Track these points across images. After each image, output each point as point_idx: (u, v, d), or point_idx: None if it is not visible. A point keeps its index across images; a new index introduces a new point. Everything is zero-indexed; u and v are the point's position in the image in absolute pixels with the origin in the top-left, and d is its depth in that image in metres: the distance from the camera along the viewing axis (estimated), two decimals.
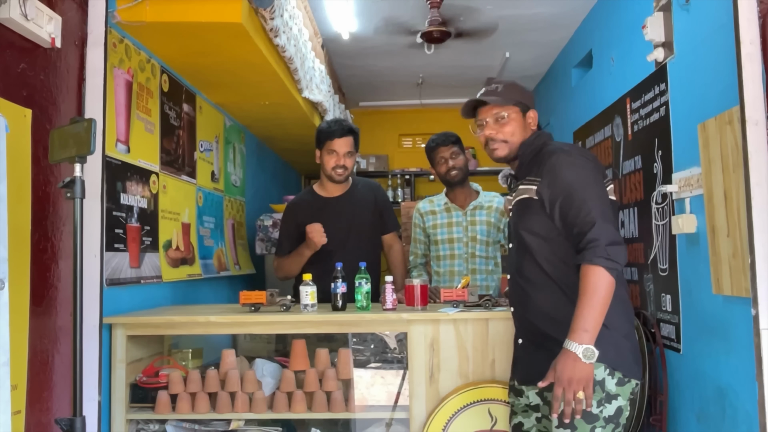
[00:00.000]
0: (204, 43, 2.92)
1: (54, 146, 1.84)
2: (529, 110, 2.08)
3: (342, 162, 3.02)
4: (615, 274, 1.79)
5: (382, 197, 3.23)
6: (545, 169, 1.93)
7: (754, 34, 1.91)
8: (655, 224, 2.75)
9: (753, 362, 1.87)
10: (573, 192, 1.87)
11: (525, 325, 2.03)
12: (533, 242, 1.97)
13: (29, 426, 2.00)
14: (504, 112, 2.05)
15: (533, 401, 2.02)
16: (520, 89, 2.12)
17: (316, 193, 3.16)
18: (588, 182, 1.89)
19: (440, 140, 3.17)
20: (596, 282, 1.77)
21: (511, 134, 2.05)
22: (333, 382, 2.59)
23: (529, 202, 1.97)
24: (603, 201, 1.88)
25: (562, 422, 1.84)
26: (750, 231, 1.86)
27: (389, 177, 6.60)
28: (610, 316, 1.87)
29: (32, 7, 1.97)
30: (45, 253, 2.11)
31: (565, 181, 1.89)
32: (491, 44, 4.56)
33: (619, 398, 1.87)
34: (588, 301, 1.77)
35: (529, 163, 2.03)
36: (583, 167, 1.91)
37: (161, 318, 2.58)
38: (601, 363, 1.85)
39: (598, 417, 1.85)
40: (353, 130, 3.06)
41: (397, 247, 3.24)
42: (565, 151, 1.95)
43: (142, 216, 2.90)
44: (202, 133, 3.75)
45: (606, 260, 1.77)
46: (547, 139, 2.07)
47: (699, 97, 2.38)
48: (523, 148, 2.05)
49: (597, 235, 1.79)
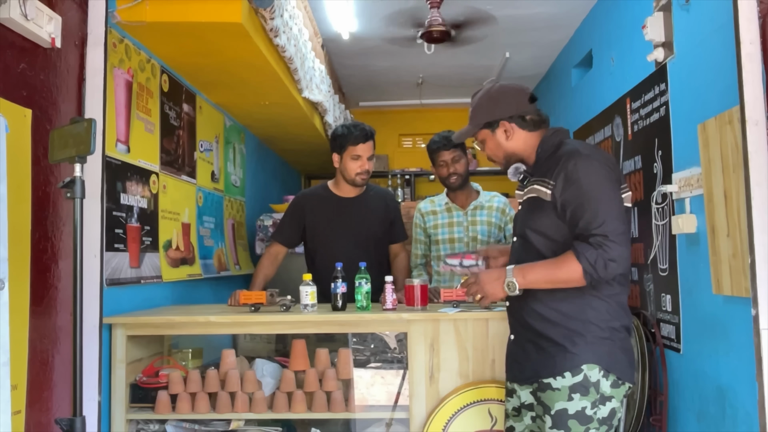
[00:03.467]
0: (204, 43, 2.92)
1: (54, 146, 1.84)
2: (498, 126, 2.06)
3: (366, 167, 3.03)
4: (588, 279, 1.82)
5: (393, 206, 3.26)
6: (562, 172, 1.90)
7: (754, 34, 1.90)
8: (655, 224, 2.75)
9: (753, 362, 1.87)
10: (587, 201, 1.85)
11: (519, 322, 2.03)
12: (537, 241, 1.97)
13: (29, 426, 2.00)
14: (477, 139, 2.14)
15: (526, 400, 2.02)
16: (486, 107, 2.08)
17: (330, 190, 3.17)
18: (604, 193, 1.87)
19: (442, 143, 3.16)
20: (567, 271, 1.84)
21: (493, 154, 2.12)
22: (333, 382, 2.59)
23: (540, 202, 1.95)
24: (618, 213, 1.86)
25: (556, 423, 1.85)
26: (750, 231, 1.86)
27: (389, 177, 6.60)
28: (607, 320, 1.89)
29: (32, 7, 1.97)
30: (45, 253, 2.11)
31: (581, 189, 1.86)
32: (491, 44, 4.56)
33: (613, 400, 1.88)
34: (549, 271, 1.88)
35: (546, 161, 2.00)
36: (602, 176, 1.88)
37: (161, 318, 2.58)
38: (595, 365, 1.86)
39: (592, 418, 1.85)
40: (373, 133, 3.08)
41: (403, 255, 3.27)
42: (585, 156, 1.91)
43: (142, 216, 2.90)
44: (202, 133, 3.75)
45: (591, 267, 1.80)
46: (564, 136, 2.05)
47: (699, 97, 2.38)
48: (541, 146, 2.04)
49: (601, 243, 1.81)
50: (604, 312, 1.90)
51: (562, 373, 1.87)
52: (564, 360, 1.87)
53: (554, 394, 1.88)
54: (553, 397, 1.88)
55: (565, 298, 1.90)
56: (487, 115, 2.07)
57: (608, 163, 1.94)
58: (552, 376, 1.89)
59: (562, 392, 1.87)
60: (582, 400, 1.85)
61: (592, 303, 1.90)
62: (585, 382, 1.85)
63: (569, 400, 1.86)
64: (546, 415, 1.89)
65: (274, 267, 3.11)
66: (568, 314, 1.90)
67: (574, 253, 1.84)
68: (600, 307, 1.90)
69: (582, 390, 1.85)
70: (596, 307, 1.90)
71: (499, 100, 2.07)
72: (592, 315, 1.89)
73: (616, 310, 1.93)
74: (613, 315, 1.91)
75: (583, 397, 1.85)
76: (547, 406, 1.89)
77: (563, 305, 1.91)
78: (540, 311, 1.94)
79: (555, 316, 1.91)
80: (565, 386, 1.86)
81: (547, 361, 1.90)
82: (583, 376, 1.86)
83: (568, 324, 1.90)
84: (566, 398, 1.86)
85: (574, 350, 1.87)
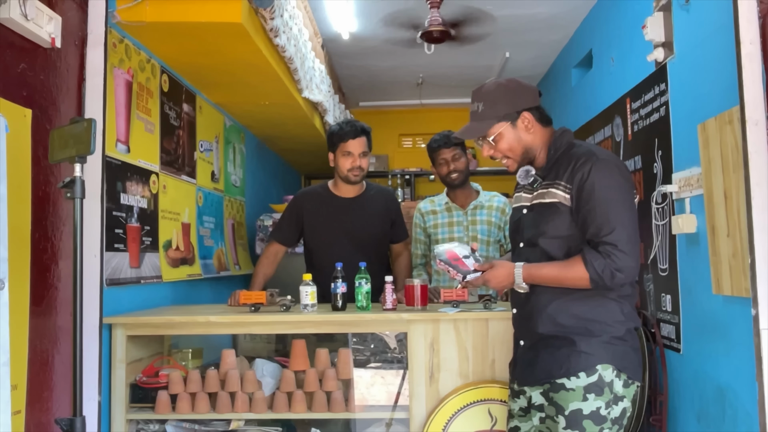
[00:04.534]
0: (204, 43, 2.92)
1: (54, 146, 1.83)
2: (519, 116, 1.98)
3: (358, 163, 3.01)
4: (594, 285, 1.84)
5: (394, 206, 3.25)
6: (578, 174, 1.88)
7: (754, 34, 1.90)
8: (655, 224, 2.75)
9: (753, 362, 1.87)
10: (599, 207, 1.84)
11: (529, 327, 2.01)
12: (551, 246, 1.94)
13: (29, 426, 2.00)
14: (490, 135, 1.99)
15: (537, 401, 2.00)
16: (504, 97, 1.99)
17: (330, 190, 3.16)
18: (618, 199, 1.86)
19: (442, 142, 3.17)
20: (574, 277, 1.86)
21: (509, 150, 2.01)
22: (333, 382, 2.59)
23: (557, 208, 1.92)
24: (629, 221, 1.86)
25: (570, 423, 1.85)
26: (750, 231, 1.86)
27: (389, 177, 6.60)
28: (622, 321, 1.90)
29: (32, 7, 1.97)
30: (45, 253, 2.11)
31: (594, 193, 1.85)
32: (491, 44, 4.56)
33: (624, 400, 1.88)
34: (557, 275, 1.90)
35: (557, 163, 1.97)
36: (617, 182, 1.87)
37: (161, 318, 2.58)
38: (609, 365, 1.86)
39: (606, 418, 1.85)
40: (366, 129, 3.06)
41: (405, 254, 3.27)
42: (602, 159, 1.88)
43: (142, 216, 2.90)
44: (202, 133, 3.75)
45: (598, 276, 1.82)
46: (570, 137, 2.02)
47: (699, 97, 2.38)
48: (553, 146, 2.00)
49: (610, 252, 1.82)
50: (618, 313, 1.90)
51: (576, 373, 1.86)
52: (578, 360, 1.87)
53: (568, 395, 1.87)
54: (567, 397, 1.87)
55: (580, 299, 1.90)
56: (508, 106, 1.98)
57: (624, 169, 1.93)
58: (566, 376, 1.87)
59: (576, 392, 1.86)
60: (597, 400, 1.84)
61: (606, 304, 1.90)
62: (600, 382, 1.85)
63: (584, 401, 1.85)
64: (559, 416, 1.88)
65: (273, 266, 3.11)
66: (582, 316, 1.90)
67: (582, 259, 1.84)
68: (614, 309, 1.90)
69: (597, 390, 1.85)
70: (611, 308, 1.90)
71: (518, 92, 2.01)
72: (606, 316, 1.89)
73: (630, 311, 1.93)
74: (627, 316, 1.92)
75: (598, 397, 1.84)
76: (561, 407, 1.88)
77: (577, 307, 1.90)
78: (554, 314, 1.93)
79: (569, 318, 1.90)
80: (580, 386, 1.86)
81: (561, 362, 1.89)
82: (598, 376, 1.85)
83: (583, 325, 1.89)
84: (581, 398, 1.85)
85: (588, 350, 1.87)
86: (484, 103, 2.00)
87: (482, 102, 2.00)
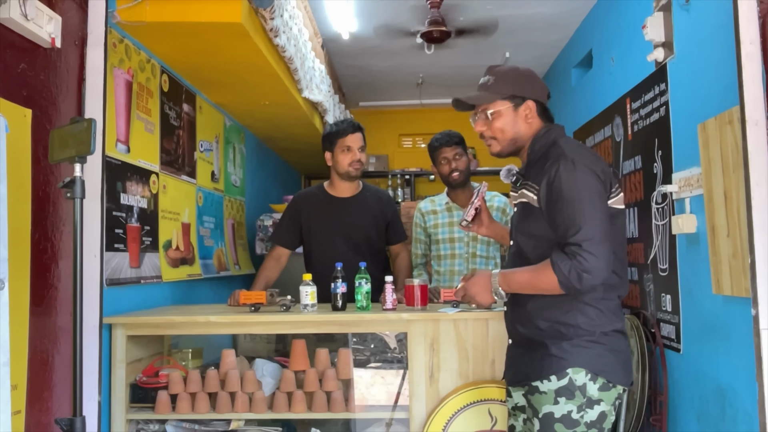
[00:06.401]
0: (204, 43, 2.92)
1: (54, 146, 1.84)
2: (523, 103, 1.97)
3: (357, 156, 3.06)
4: (565, 289, 1.80)
5: (390, 208, 3.27)
6: (545, 177, 1.86)
7: (754, 34, 1.90)
8: (655, 224, 2.75)
9: (753, 362, 1.87)
10: (566, 207, 1.80)
11: (514, 327, 2.02)
12: (527, 245, 1.94)
13: (29, 426, 2.00)
14: (491, 108, 1.97)
15: (519, 402, 2.02)
16: (515, 79, 1.98)
17: (326, 190, 3.18)
18: (584, 199, 1.80)
19: (444, 141, 3.17)
20: (545, 281, 1.83)
21: (500, 131, 1.97)
22: (333, 382, 2.59)
23: (530, 207, 1.92)
24: (598, 221, 1.80)
25: (543, 426, 1.86)
26: (750, 231, 1.86)
27: (389, 177, 6.59)
28: (598, 325, 1.87)
29: (32, 7, 1.97)
30: (45, 253, 2.11)
31: (561, 194, 1.81)
32: (491, 44, 4.56)
33: (602, 403, 1.85)
34: (530, 280, 1.88)
35: (537, 162, 1.94)
36: (584, 182, 1.81)
37: (161, 318, 2.58)
38: (581, 368, 1.84)
39: (578, 422, 1.84)
40: (361, 126, 3.14)
41: (404, 255, 3.28)
42: (570, 160, 1.84)
43: (142, 216, 2.90)
44: (202, 133, 3.75)
45: (565, 278, 1.77)
46: (557, 135, 1.96)
47: (699, 97, 2.38)
48: (533, 144, 1.97)
49: (575, 253, 1.77)
50: (594, 317, 1.87)
51: (548, 376, 1.86)
52: (550, 364, 1.86)
53: (541, 398, 1.87)
54: (541, 400, 1.87)
55: (555, 304, 1.88)
56: (516, 88, 1.96)
57: (595, 168, 1.86)
58: (539, 379, 1.88)
59: (548, 395, 1.86)
60: (567, 404, 1.84)
61: (582, 309, 1.87)
62: (570, 385, 1.84)
63: (555, 404, 1.85)
64: (534, 418, 1.89)
65: (276, 270, 3.11)
66: (555, 319, 1.88)
67: (550, 262, 1.81)
68: (590, 313, 1.87)
69: (567, 394, 1.84)
70: (586, 312, 1.87)
71: (530, 80, 2.00)
72: (581, 320, 1.86)
73: (607, 314, 1.89)
74: (605, 320, 1.88)
75: (569, 400, 1.84)
76: (536, 409, 1.89)
77: (552, 311, 1.89)
78: (530, 317, 1.93)
79: (544, 322, 1.90)
80: (551, 390, 1.85)
81: (535, 365, 1.89)
82: (569, 380, 1.84)
83: (556, 328, 1.88)
84: (552, 402, 1.85)
85: (560, 354, 1.86)
86: (496, 78, 1.99)
87: (494, 77, 1.99)
